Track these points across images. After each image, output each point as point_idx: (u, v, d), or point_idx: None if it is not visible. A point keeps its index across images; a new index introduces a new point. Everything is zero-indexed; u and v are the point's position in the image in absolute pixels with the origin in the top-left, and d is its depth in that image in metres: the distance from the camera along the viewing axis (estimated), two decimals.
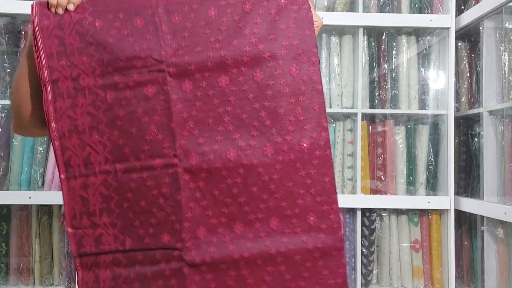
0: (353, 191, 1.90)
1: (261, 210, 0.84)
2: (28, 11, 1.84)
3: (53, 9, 0.83)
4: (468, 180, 1.96)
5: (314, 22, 0.86)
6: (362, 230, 1.90)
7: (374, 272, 1.94)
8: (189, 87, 0.84)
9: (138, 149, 0.84)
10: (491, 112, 1.78)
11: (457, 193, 1.93)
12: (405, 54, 1.96)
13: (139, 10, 0.85)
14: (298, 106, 0.85)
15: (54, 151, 0.84)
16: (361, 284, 1.88)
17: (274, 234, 0.84)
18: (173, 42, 0.84)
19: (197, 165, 0.83)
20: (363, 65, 1.92)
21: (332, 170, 0.87)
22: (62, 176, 0.84)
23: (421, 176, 1.93)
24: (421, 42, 1.98)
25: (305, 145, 0.85)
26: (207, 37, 0.84)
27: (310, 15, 0.86)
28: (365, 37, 1.94)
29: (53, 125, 0.84)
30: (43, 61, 0.83)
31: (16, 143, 1.84)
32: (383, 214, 1.93)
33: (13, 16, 1.85)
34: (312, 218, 0.85)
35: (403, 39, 1.96)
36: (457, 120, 1.95)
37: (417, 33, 1.98)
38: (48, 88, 0.84)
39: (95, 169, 0.84)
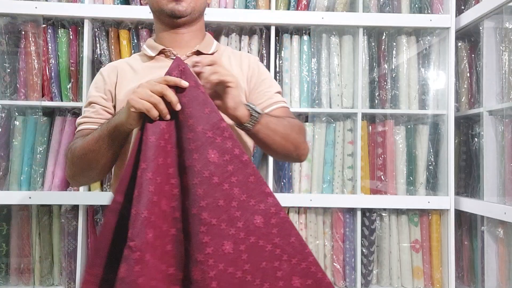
0: (353, 191, 1.90)
1: None
2: (28, 11, 1.85)
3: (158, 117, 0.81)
4: (468, 180, 1.96)
5: (230, 82, 0.83)
6: (362, 230, 1.90)
7: (374, 272, 1.94)
8: None
9: None
10: (491, 112, 1.78)
11: (457, 193, 1.93)
12: (405, 54, 1.96)
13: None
14: (234, 188, 0.82)
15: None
16: (361, 284, 1.88)
17: None
18: None
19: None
20: (363, 65, 1.92)
21: (294, 228, 0.85)
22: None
23: (421, 176, 1.93)
24: (421, 42, 1.98)
25: (258, 221, 0.82)
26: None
27: (206, 95, 0.82)
28: (365, 37, 1.94)
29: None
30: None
31: (16, 143, 1.84)
32: (383, 214, 1.93)
33: (13, 16, 1.85)
34: (296, 281, 0.84)
35: (403, 39, 1.96)
36: (457, 120, 1.95)
37: (417, 33, 1.98)
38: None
39: None
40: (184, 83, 0.80)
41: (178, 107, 0.80)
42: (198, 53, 1.05)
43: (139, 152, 0.80)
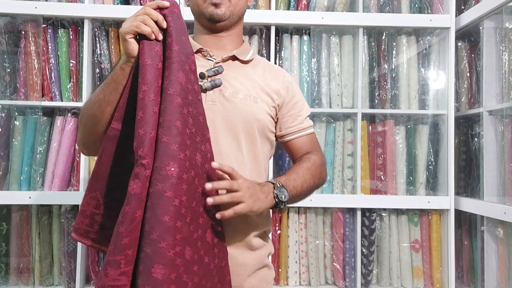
0: (353, 191, 1.90)
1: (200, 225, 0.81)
2: (28, 11, 1.85)
3: (152, 37, 0.85)
4: (468, 180, 1.96)
5: (242, 204, 0.83)
6: (362, 230, 1.90)
7: (374, 272, 1.94)
8: None
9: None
10: (491, 112, 1.78)
11: (457, 193, 1.93)
12: (405, 54, 1.96)
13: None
14: (189, 118, 0.82)
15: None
16: (361, 284, 1.88)
17: (189, 265, 0.77)
18: None
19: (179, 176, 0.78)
20: (363, 65, 1.92)
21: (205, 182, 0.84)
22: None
23: (421, 176, 1.93)
24: (421, 42, 1.98)
25: (198, 159, 0.82)
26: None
27: (182, 20, 0.87)
28: (365, 37, 1.94)
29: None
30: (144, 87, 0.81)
31: (16, 143, 1.84)
32: (383, 214, 1.93)
33: (13, 16, 1.85)
34: (209, 236, 0.84)
35: (403, 39, 1.96)
36: (457, 120, 1.95)
37: (417, 33, 1.98)
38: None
39: None
40: (166, 3, 0.86)
41: (164, 24, 0.85)
42: (234, 58, 1.05)
43: (135, 81, 0.83)
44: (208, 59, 1.04)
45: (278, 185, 0.91)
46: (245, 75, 1.04)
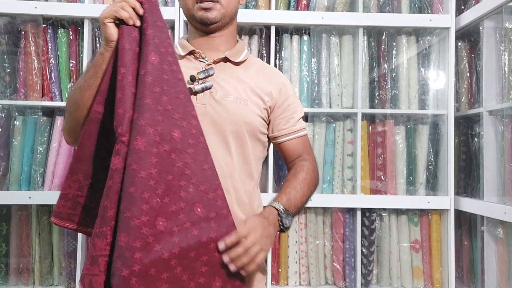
0: (353, 191, 1.90)
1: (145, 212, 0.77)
2: (28, 11, 1.85)
3: (130, 22, 0.88)
4: (468, 180, 1.96)
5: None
6: (362, 230, 1.90)
7: (374, 272, 1.94)
8: None
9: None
10: (491, 112, 1.78)
11: (457, 193, 1.93)
12: (405, 54, 1.96)
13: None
14: (163, 96, 0.83)
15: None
16: (361, 284, 1.88)
17: (162, 235, 0.77)
18: None
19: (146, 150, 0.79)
20: (363, 65, 1.92)
21: (210, 157, 0.86)
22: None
23: (421, 176, 1.93)
24: (421, 42, 1.98)
25: (176, 134, 0.83)
26: None
27: (158, 8, 0.90)
28: (365, 37, 1.94)
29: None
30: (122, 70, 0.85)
31: (16, 143, 1.84)
32: (383, 214, 1.93)
33: (13, 16, 1.85)
34: (199, 209, 0.81)
35: (403, 39, 1.96)
36: (457, 120, 1.95)
37: (417, 33, 1.98)
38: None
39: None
40: None
41: (141, 11, 0.88)
42: (226, 60, 1.05)
43: (115, 65, 0.86)
44: (200, 60, 1.04)
45: (282, 211, 0.93)
46: (236, 77, 1.03)
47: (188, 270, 0.79)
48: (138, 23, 0.88)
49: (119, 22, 0.88)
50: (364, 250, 1.90)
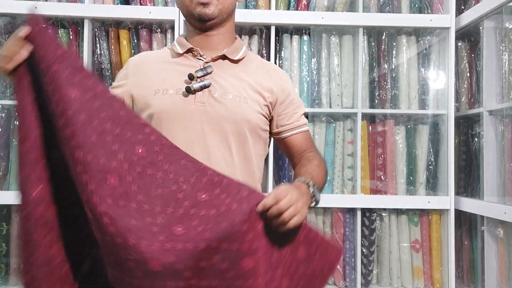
0: (353, 191, 1.90)
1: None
2: (28, 12, 1.84)
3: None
4: (468, 180, 1.96)
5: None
6: (362, 230, 1.90)
7: (374, 272, 1.94)
8: None
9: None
10: (491, 112, 1.78)
11: (457, 193, 1.93)
12: (405, 54, 1.96)
13: None
14: (105, 123, 0.80)
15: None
16: (361, 284, 1.88)
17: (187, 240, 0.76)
18: None
19: None
20: (363, 65, 1.92)
21: (181, 151, 0.84)
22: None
23: (421, 176, 1.93)
24: (421, 42, 1.98)
25: (140, 150, 0.81)
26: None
27: (48, 32, 0.88)
28: (365, 37, 1.94)
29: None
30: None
31: (16, 143, 1.84)
32: (383, 214, 1.93)
33: (13, 16, 1.85)
34: (203, 195, 0.81)
35: (403, 39, 1.96)
36: (457, 120, 1.95)
37: (417, 33, 1.98)
38: None
39: None
40: (24, 31, 0.88)
41: (27, 51, 0.85)
42: (224, 57, 1.05)
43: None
44: (198, 58, 1.04)
45: (311, 184, 0.89)
46: (235, 75, 1.03)
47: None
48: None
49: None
50: (364, 250, 1.90)
